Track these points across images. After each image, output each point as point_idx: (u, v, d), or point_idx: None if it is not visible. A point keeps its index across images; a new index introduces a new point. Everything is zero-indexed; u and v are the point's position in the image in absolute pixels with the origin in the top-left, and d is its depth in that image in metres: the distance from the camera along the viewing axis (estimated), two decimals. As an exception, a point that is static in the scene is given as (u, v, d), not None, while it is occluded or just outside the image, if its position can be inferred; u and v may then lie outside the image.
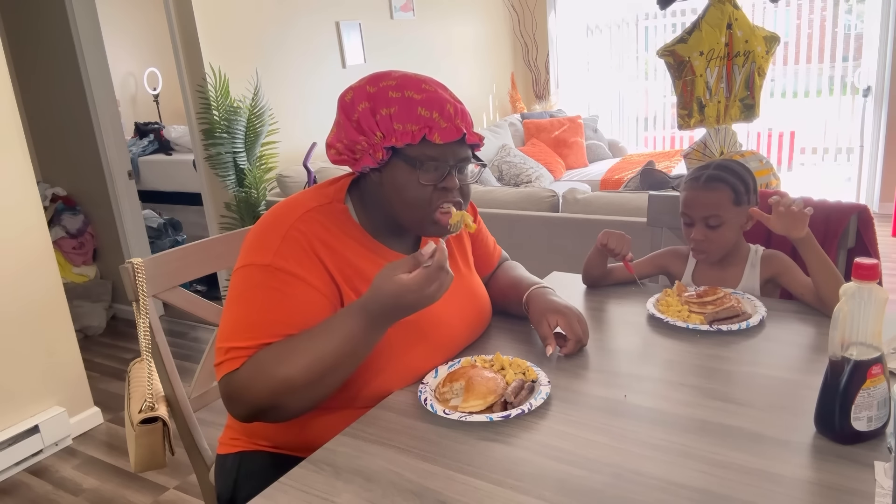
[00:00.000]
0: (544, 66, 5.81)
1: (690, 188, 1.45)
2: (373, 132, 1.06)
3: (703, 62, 2.59)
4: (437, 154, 1.07)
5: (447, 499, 0.85)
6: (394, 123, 1.05)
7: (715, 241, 1.43)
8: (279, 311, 1.02)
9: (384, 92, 1.06)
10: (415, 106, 1.05)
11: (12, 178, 2.44)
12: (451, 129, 1.06)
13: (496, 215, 2.65)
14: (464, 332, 1.24)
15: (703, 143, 2.80)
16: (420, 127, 1.05)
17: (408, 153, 1.06)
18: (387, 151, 1.06)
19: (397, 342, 1.11)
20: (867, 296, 0.84)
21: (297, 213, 1.09)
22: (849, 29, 5.19)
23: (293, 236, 1.06)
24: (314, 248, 1.06)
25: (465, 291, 1.27)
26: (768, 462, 0.86)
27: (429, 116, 1.05)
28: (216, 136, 3.19)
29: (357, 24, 4.05)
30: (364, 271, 1.11)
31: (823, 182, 5.48)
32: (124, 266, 1.33)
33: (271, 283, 1.03)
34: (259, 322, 1.02)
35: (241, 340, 1.01)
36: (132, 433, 1.27)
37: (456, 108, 1.08)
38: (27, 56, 3.60)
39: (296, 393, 0.98)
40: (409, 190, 1.07)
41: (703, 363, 1.15)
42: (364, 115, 1.06)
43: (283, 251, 1.04)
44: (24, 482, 2.39)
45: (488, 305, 1.33)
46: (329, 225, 1.11)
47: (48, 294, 2.55)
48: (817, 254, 1.28)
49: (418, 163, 1.06)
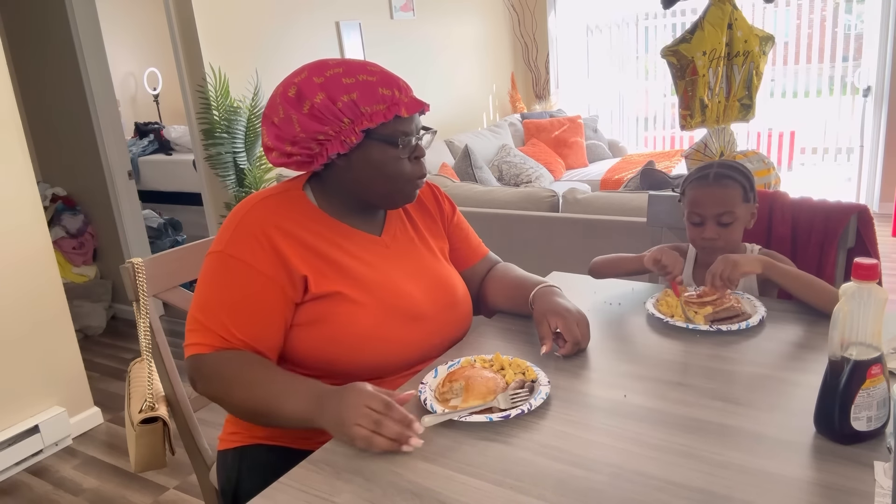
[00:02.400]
0: (544, 66, 5.81)
1: (700, 186, 1.45)
2: (338, 119, 1.09)
3: (706, 62, 2.59)
4: (406, 128, 1.13)
5: (447, 499, 0.85)
6: (360, 107, 1.09)
7: (727, 239, 1.43)
8: (228, 292, 1.10)
9: (336, 80, 1.10)
10: (374, 87, 1.09)
11: (12, 178, 2.44)
12: (412, 102, 1.13)
13: (496, 215, 2.65)
14: (427, 305, 1.22)
15: (704, 143, 2.80)
16: (388, 105, 1.10)
17: (381, 132, 1.11)
18: (360, 134, 1.10)
19: (368, 318, 1.14)
20: (867, 296, 0.84)
21: (250, 205, 1.15)
22: (849, 29, 5.19)
23: (246, 225, 1.12)
24: (267, 234, 1.11)
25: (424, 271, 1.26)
26: (768, 462, 0.86)
27: (391, 94, 1.10)
28: (216, 136, 3.19)
29: (357, 24, 4.05)
30: (323, 251, 1.15)
31: (823, 182, 5.48)
32: (124, 266, 1.34)
33: (222, 269, 1.11)
34: (215, 302, 1.11)
35: (203, 315, 1.10)
36: (132, 433, 1.27)
37: (403, 82, 1.14)
38: (27, 56, 3.60)
39: (232, 409, 1.11)
40: (389, 165, 1.13)
41: (703, 363, 1.15)
42: (323, 105, 1.09)
43: (234, 239, 1.11)
44: (24, 482, 2.39)
45: (455, 288, 1.30)
46: (285, 210, 1.15)
47: (48, 294, 2.55)
48: (788, 276, 1.30)
49: (394, 139, 1.12)
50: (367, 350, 1.15)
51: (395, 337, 1.17)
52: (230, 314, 1.09)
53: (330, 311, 1.13)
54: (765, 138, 5.66)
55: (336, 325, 1.13)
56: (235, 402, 1.07)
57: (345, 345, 1.13)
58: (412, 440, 0.93)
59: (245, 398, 1.05)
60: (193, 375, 1.11)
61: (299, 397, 1.01)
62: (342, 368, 1.15)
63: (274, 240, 1.11)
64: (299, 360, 1.16)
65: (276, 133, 1.13)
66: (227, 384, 1.07)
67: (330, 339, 1.13)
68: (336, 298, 1.13)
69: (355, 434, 0.93)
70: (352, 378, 1.13)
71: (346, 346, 1.13)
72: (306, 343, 1.14)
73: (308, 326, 1.14)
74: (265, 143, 1.17)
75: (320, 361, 1.15)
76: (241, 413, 1.11)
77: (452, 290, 1.29)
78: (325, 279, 1.13)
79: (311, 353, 1.15)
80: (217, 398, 1.10)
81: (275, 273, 1.10)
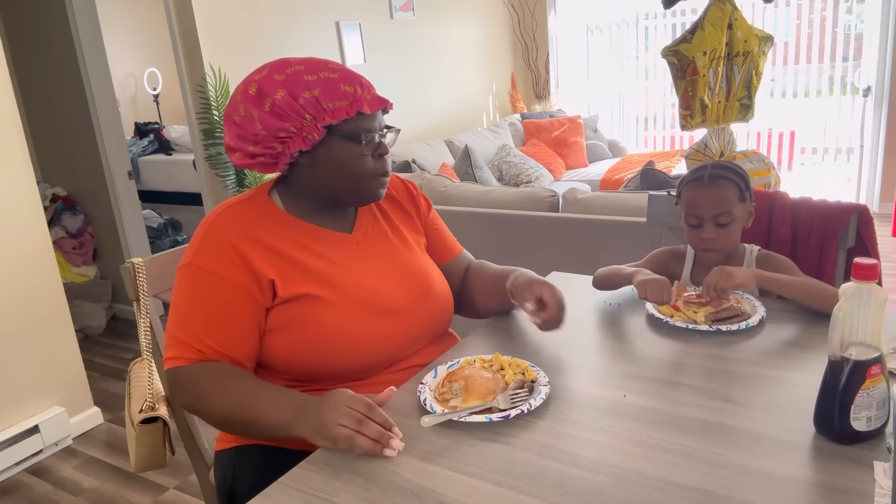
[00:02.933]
0: (544, 66, 5.81)
1: (695, 188, 1.44)
2: (300, 115, 1.08)
3: (706, 62, 2.59)
4: (369, 125, 1.13)
5: (446, 499, 0.85)
6: (322, 103, 1.09)
7: (725, 239, 1.43)
8: (200, 304, 1.10)
9: (297, 77, 1.10)
10: (336, 84, 1.10)
11: (12, 178, 2.44)
12: (374, 99, 1.13)
13: (496, 215, 2.65)
14: (402, 299, 1.21)
15: (704, 143, 2.80)
16: (350, 102, 1.10)
17: (344, 129, 1.11)
18: (322, 130, 1.09)
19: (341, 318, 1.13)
20: (867, 296, 0.84)
21: (215, 215, 1.15)
22: (849, 29, 5.19)
23: (211, 234, 1.12)
24: (232, 242, 1.11)
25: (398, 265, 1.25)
26: (768, 462, 0.86)
27: (353, 91, 1.10)
28: (216, 136, 3.19)
29: (357, 24, 4.05)
30: (289, 254, 1.14)
31: (823, 182, 5.48)
32: (124, 266, 1.34)
33: (192, 282, 1.11)
34: (188, 315, 1.11)
35: (178, 330, 1.10)
36: (132, 433, 1.27)
37: (365, 80, 1.14)
38: (27, 56, 3.60)
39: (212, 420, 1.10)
40: (352, 162, 1.13)
41: (703, 363, 1.15)
42: (285, 102, 1.08)
43: (201, 250, 1.11)
44: (24, 482, 2.39)
45: (430, 279, 1.29)
46: (250, 216, 1.15)
47: (48, 294, 2.55)
48: (781, 284, 1.31)
49: (356, 136, 1.12)
50: (342, 349, 1.14)
51: (369, 333, 1.16)
52: (204, 326, 1.09)
53: (299, 314, 1.12)
54: (765, 138, 5.65)
55: (307, 326, 1.12)
56: (215, 413, 1.06)
57: (318, 346, 1.13)
58: (393, 442, 0.94)
59: (224, 409, 1.05)
60: (171, 388, 1.11)
61: (279, 407, 1.01)
62: (320, 371, 1.14)
63: (239, 247, 1.10)
64: (277, 367, 1.16)
65: (237, 132, 1.12)
66: (205, 396, 1.06)
67: (303, 341, 1.13)
68: (304, 300, 1.12)
69: (338, 434, 0.92)
70: (333, 380, 1.13)
71: (319, 347, 1.13)
72: (280, 348, 1.14)
73: (280, 331, 1.13)
74: (227, 144, 1.15)
75: (297, 366, 1.14)
76: (220, 424, 1.11)
77: (428, 281, 1.28)
78: (292, 282, 1.12)
79: (287, 358, 1.14)
80: (196, 410, 1.10)
81: (243, 280, 1.10)
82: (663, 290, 1.34)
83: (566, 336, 1.30)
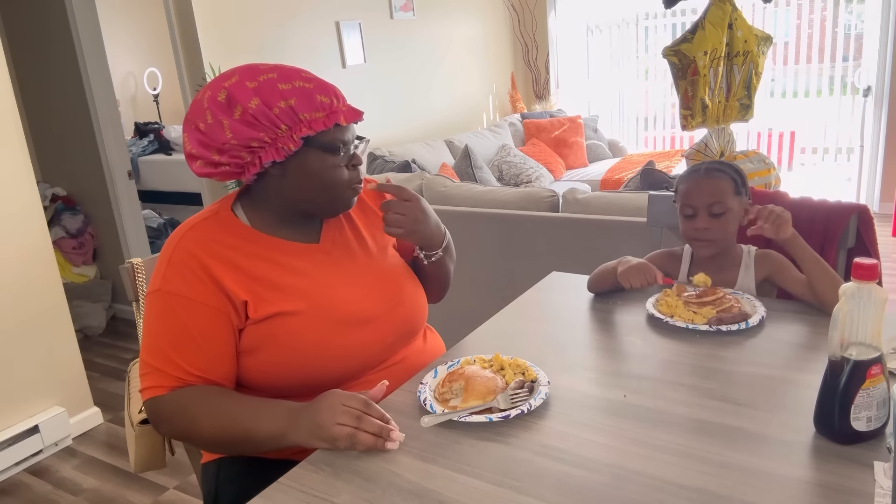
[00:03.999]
0: (544, 66, 5.81)
1: (691, 179, 1.46)
2: (275, 125, 1.04)
3: (707, 62, 2.59)
4: (345, 136, 1.11)
5: (446, 499, 0.85)
6: (298, 114, 1.05)
7: (718, 231, 1.43)
8: (173, 330, 1.07)
9: (271, 84, 1.05)
10: (312, 94, 1.07)
11: (12, 178, 2.44)
12: (350, 111, 1.11)
13: (496, 215, 2.65)
14: (374, 306, 1.19)
15: (704, 143, 2.80)
16: (327, 113, 1.08)
17: (321, 140, 1.08)
18: (298, 141, 1.06)
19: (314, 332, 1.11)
20: (867, 296, 0.84)
21: (179, 235, 1.11)
22: (849, 29, 5.19)
23: (178, 257, 1.08)
24: (201, 263, 1.07)
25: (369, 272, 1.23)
26: (768, 462, 0.86)
27: (329, 102, 1.08)
28: (216, 136, 3.19)
29: (357, 24, 4.05)
30: (258, 273, 1.11)
31: (823, 182, 5.48)
32: (124, 266, 1.34)
33: (163, 308, 1.07)
34: (162, 342, 1.07)
35: (153, 358, 1.07)
36: (132, 433, 1.27)
37: (339, 90, 1.12)
38: (27, 56, 3.60)
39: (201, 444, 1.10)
40: (327, 174, 1.10)
41: (703, 363, 1.15)
42: (258, 111, 1.03)
43: (169, 275, 1.07)
44: (24, 482, 2.39)
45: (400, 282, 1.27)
46: (215, 234, 1.11)
47: (48, 294, 2.55)
48: (807, 252, 1.31)
49: (333, 147, 1.09)
50: (319, 363, 1.12)
51: (345, 345, 1.14)
52: (179, 351, 1.06)
53: (273, 333, 1.10)
54: (765, 138, 5.65)
55: (281, 345, 1.10)
56: (204, 436, 1.04)
57: (295, 362, 1.11)
58: (393, 434, 0.94)
59: (213, 430, 1.03)
60: (153, 418, 1.08)
61: (269, 418, 0.99)
62: (300, 385, 1.12)
63: (209, 268, 1.07)
64: (255, 385, 1.14)
65: (200, 139, 1.06)
66: (193, 419, 1.04)
67: (279, 359, 1.10)
68: (277, 319, 1.10)
69: (337, 433, 0.92)
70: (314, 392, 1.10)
71: (296, 363, 1.11)
72: (257, 368, 1.12)
73: (254, 352, 1.10)
74: (188, 152, 1.09)
75: (276, 382, 1.12)
76: (211, 446, 1.09)
77: (398, 285, 1.26)
78: (264, 302, 1.09)
79: (265, 377, 1.12)
80: (183, 436, 1.08)
81: (216, 302, 1.07)
82: (645, 273, 1.35)
83: (566, 336, 1.31)
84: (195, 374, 1.06)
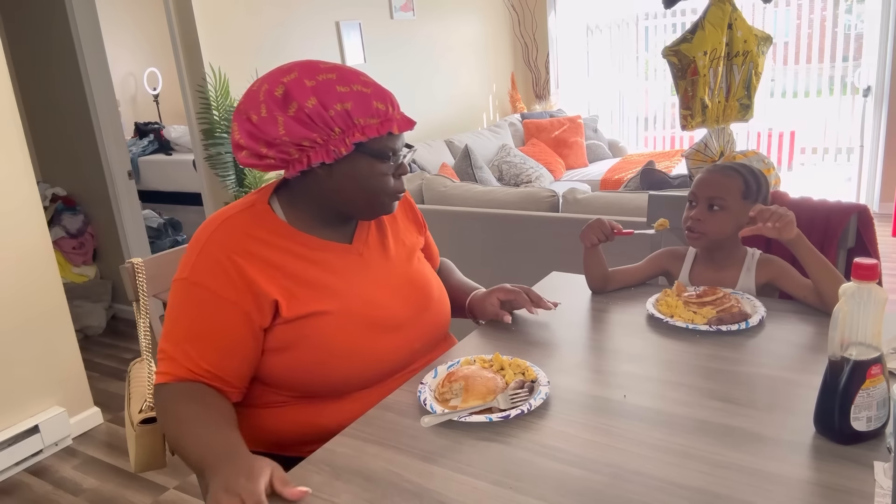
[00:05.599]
0: (544, 66, 5.81)
1: (706, 171, 1.47)
2: (329, 127, 1.04)
3: (706, 62, 2.59)
4: (395, 145, 1.11)
5: (447, 499, 0.85)
6: (354, 118, 1.04)
7: (710, 225, 1.41)
8: (193, 322, 1.07)
9: (329, 86, 1.04)
10: (369, 99, 1.06)
11: (12, 178, 2.44)
12: (404, 120, 1.11)
13: (496, 215, 2.65)
14: (404, 312, 1.20)
15: (704, 143, 2.80)
16: (381, 120, 1.07)
17: (372, 146, 1.08)
18: (350, 145, 1.05)
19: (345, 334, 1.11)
20: (867, 296, 0.84)
21: (214, 225, 1.10)
22: (849, 29, 5.19)
23: (209, 249, 1.07)
24: (232, 259, 1.06)
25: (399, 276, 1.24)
26: (768, 462, 0.86)
27: (385, 110, 1.07)
28: (216, 136, 3.19)
29: (357, 24, 4.05)
30: (293, 271, 1.10)
31: (823, 182, 5.48)
32: (124, 266, 1.34)
33: (187, 298, 1.08)
34: (181, 332, 1.08)
35: (169, 346, 1.08)
36: (132, 433, 1.27)
37: (394, 97, 1.11)
38: (27, 56, 3.60)
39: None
40: (373, 180, 1.10)
41: (702, 363, 1.15)
42: (314, 111, 1.03)
43: (198, 265, 1.07)
44: (24, 482, 2.39)
45: (430, 286, 1.29)
46: (251, 228, 1.10)
47: (48, 294, 2.55)
48: (811, 252, 1.29)
49: (384, 154, 1.09)
50: (346, 367, 1.12)
51: (373, 349, 1.14)
52: (195, 344, 1.06)
53: (304, 333, 1.09)
54: (765, 138, 5.65)
55: (311, 346, 1.09)
56: (168, 435, 1.04)
57: (322, 364, 1.10)
58: None
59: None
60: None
61: (207, 447, 0.94)
62: (321, 387, 1.12)
63: (240, 264, 1.06)
64: (276, 384, 1.13)
65: (250, 131, 1.05)
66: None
67: (306, 360, 1.10)
68: (311, 319, 1.09)
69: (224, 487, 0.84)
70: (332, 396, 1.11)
71: (323, 365, 1.10)
72: (282, 367, 1.11)
73: (282, 351, 1.10)
74: (235, 141, 1.08)
75: (297, 383, 1.12)
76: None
77: (427, 290, 1.27)
78: (298, 301, 1.09)
79: (288, 376, 1.11)
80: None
81: (241, 300, 1.06)
82: (601, 227, 1.43)
83: (566, 336, 1.31)
84: (206, 368, 1.06)
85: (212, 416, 1.02)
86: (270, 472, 0.87)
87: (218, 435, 0.97)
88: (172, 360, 1.06)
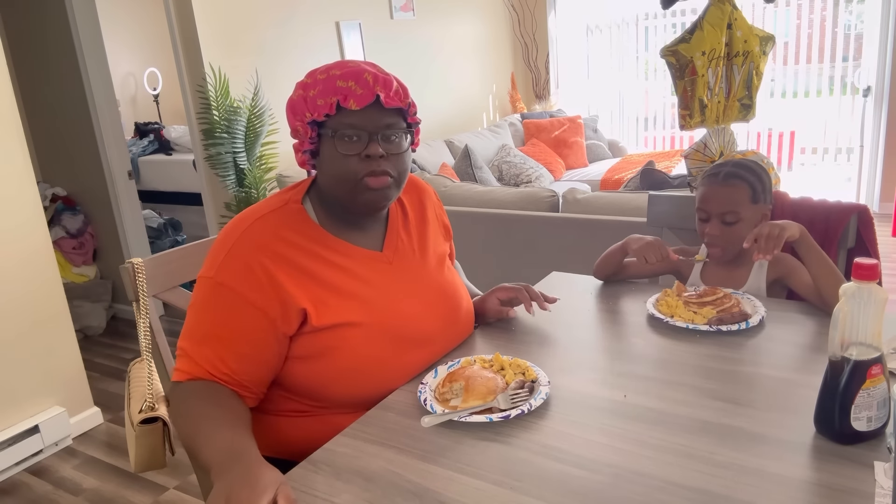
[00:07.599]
0: (544, 66, 5.81)
1: (709, 184, 1.46)
2: (303, 113, 1.07)
3: (705, 62, 2.59)
4: (356, 122, 1.05)
5: (447, 499, 0.85)
6: (317, 100, 1.06)
7: (730, 238, 1.43)
8: (216, 323, 1.05)
9: (312, 76, 1.09)
10: (335, 80, 1.06)
11: (12, 178, 2.44)
12: (366, 94, 1.04)
13: (496, 215, 2.65)
14: (433, 325, 1.20)
15: (704, 143, 2.80)
16: (340, 98, 1.04)
17: (328, 125, 1.06)
18: (312, 128, 1.06)
19: (374, 347, 1.10)
20: (867, 296, 0.84)
21: (246, 224, 1.08)
22: (849, 29, 5.19)
23: (239, 250, 1.05)
24: (262, 263, 1.04)
25: (429, 286, 1.22)
26: (768, 462, 0.86)
27: (345, 86, 1.05)
28: (216, 136, 3.19)
29: (357, 24, 4.05)
30: (324, 278, 1.09)
31: (823, 182, 5.48)
32: (124, 266, 1.33)
33: (212, 298, 1.06)
34: (201, 332, 1.06)
35: (189, 344, 1.07)
36: (132, 433, 1.27)
37: (377, 77, 1.06)
38: (27, 56, 3.60)
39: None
40: (336, 163, 1.06)
41: (703, 363, 1.15)
42: (297, 101, 1.08)
43: (225, 266, 1.05)
44: (24, 482, 2.39)
45: (458, 297, 1.28)
46: (281, 231, 1.08)
47: (48, 294, 2.55)
48: (815, 252, 1.30)
49: (337, 133, 1.05)
50: (370, 381, 1.11)
51: (401, 365, 1.13)
52: (215, 347, 1.04)
53: (332, 346, 1.08)
54: (765, 138, 5.65)
55: (338, 357, 1.08)
56: (180, 433, 1.02)
57: (347, 376, 1.09)
58: None
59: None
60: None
61: (217, 448, 0.91)
62: (341, 399, 1.11)
63: (269, 268, 1.04)
64: (296, 391, 1.12)
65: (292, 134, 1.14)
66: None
67: (332, 370, 1.08)
68: (339, 330, 1.08)
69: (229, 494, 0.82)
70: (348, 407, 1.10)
71: (348, 377, 1.09)
72: (305, 376, 1.10)
73: (308, 360, 1.08)
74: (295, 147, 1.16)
75: (319, 392, 1.10)
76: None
77: (457, 301, 1.26)
78: (328, 310, 1.07)
79: (310, 385, 1.10)
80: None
81: (267, 305, 1.04)
82: (660, 248, 1.40)
83: (566, 336, 1.31)
84: (223, 370, 1.04)
85: (227, 416, 1.00)
86: (276, 489, 0.82)
87: (230, 437, 0.94)
88: (190, 359, 1.05)
